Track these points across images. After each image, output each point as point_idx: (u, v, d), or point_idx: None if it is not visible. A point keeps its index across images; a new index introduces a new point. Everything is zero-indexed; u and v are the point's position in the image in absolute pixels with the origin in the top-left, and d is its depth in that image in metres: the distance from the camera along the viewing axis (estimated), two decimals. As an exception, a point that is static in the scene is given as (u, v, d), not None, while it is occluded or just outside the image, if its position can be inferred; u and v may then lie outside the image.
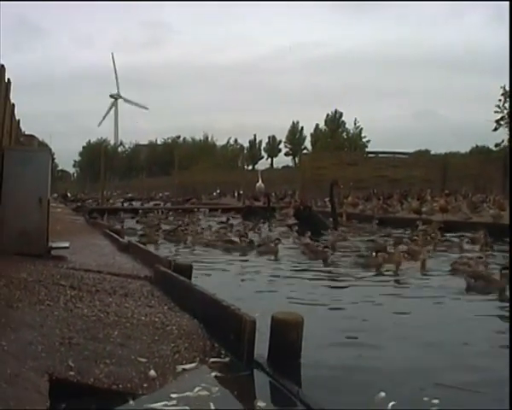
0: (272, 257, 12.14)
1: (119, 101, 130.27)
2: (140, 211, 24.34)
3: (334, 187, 19.40)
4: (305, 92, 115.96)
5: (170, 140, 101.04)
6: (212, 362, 4.55)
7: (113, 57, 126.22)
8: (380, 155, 39.59)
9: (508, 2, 19.59)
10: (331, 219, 17.83)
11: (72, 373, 3.85)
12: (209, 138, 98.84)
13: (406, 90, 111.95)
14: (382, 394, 4.17)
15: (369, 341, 5.85)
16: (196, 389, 3.97)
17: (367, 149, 70.59)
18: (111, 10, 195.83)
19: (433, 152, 55.62)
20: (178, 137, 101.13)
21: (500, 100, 48.35)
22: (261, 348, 4.59)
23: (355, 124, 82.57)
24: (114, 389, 3.82)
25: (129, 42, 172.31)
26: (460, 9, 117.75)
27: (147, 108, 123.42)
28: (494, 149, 52.18)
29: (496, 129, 48.87)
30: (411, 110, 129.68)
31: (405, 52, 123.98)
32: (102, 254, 10.12)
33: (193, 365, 4.46)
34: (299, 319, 4.59)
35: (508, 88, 48.11)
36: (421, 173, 35.83)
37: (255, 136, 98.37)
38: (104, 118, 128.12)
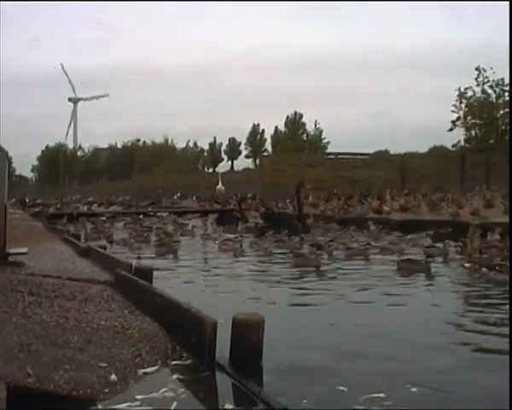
0: (235, 258, 12.20)
1: (78, 104, 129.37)
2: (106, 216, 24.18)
3: (300, 188, 19.28)
4: (266, 94, 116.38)
5: (130, 143, 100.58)
6: (174, 365, 4.54)
7: (62, 66, 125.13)
8: (340, 156, 39.88)
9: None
10: (297, 221, 17.80)
11: (30, 380, 3.79)
12: (169, 141, 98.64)
13: (365, 91, 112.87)
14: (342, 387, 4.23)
15: (329, 340, 5.87)
16: (158, 391, 3.96)
17: (327, 151, 71.06)
18: (64, 11, 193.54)
19: (392, 152, 56.27)
20: (138, 140, 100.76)
21: (456, 100, 49.14)
22: (223, 350, 4.59)
23: (315, 125, 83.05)
24: (75, 394, 3.76)
25: (81, 43, 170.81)
26: (418, 10, 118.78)
27: (107, 95, 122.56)
28: (451, 148, 52.96)
29: (451, 129, 49.65)
30: (370, 111, 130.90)
31: (364, 53, 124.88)
32: (62, 259, 10.01)
33: (154, 368, 4.43)
34: (259, 319, 4.59)
35: (462, 89, 49.02)
36: (381, 174, 36.13)
37: (215, 138, 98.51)
38: (70, 126, 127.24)
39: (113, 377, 4.08)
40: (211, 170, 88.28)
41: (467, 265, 10.08)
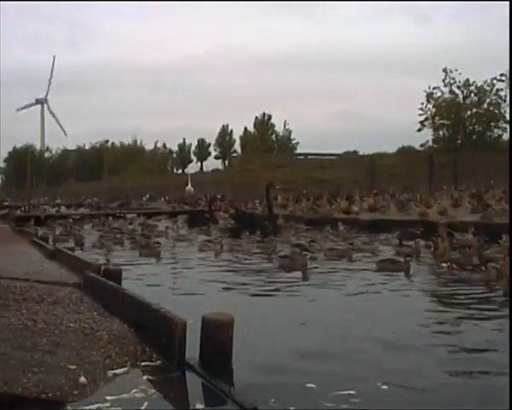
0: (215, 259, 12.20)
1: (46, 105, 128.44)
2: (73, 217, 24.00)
3: (270, 189, 19.28)
4: (235, 95, 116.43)
5: (98, 145, 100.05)
6: (144, 366, 4.52)
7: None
8: (309, 157, 40.00)
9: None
10: (267, 222, 17.78)
11: (-2, 384, 3.76)
12: (138, 142, 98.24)
13: (334, 92, 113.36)
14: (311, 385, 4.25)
15: (300, 339, 5.89)
16: (128, 392, 3.94)
17: (296, 151, 71.28)
18: (33, 10, 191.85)
19: (361, 153, 56.56)
20: (107, 141, 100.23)
21: (423, 102, 49.61)
22: (194, 350, 4.59)
23: (284, 126, 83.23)
24: (43, 397, 3.73)
25: (49, 42, 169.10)
26: (389, 10, 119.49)
27: (65, 134, 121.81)
28: (420, 149, 53.42)
29: (420, 130, 50.13)
30: (339, 112, 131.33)
31: (333, 53, 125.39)
32: (30, 261, 9.92)
33: (124, 369, 4.42)
34: (229, 319, 4.59)
35: (429, 90, 49.47)
36: (350, 174, 36.29)
37: (184, 139, 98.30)
38: (25, 107, 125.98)
39: (83, 379, 4.05)
40: (180, 171, 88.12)
41: (444, 265, 10.11)
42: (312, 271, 10.40)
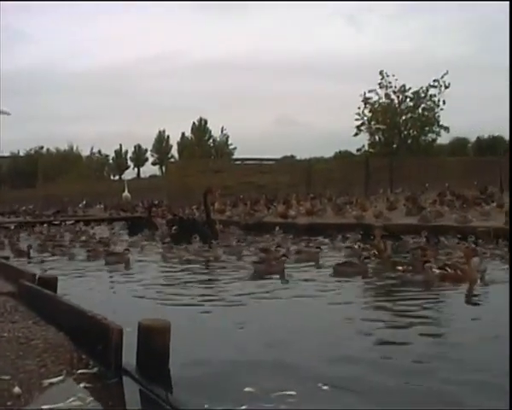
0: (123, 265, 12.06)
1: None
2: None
3: (208, 194, 19.29)
4: (172, 100, 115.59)
5: (33, 151, 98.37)
6: (80, 373, 4.48)
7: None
8: (246, 162, 40.02)
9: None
10: (206, 227, 17.73)
11: None
12: (74, 149, 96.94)
13: (271, 97, 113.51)
14: (248, 388, 4.28)
15: (239, 342, 5.91)
16: (65, 401, 3.90)
17: (233, 157, 71.37)
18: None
19: (298, 158, 56.85)
20: (41, 147, 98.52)
21: (359, 107, 50.25)
22: (132, 356, 4.56)
23: (222, 131, 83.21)
24: (-25, 409, 3.68)
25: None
26: (322, 16, 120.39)
27: (9, 114, 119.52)
28: (356, 153, 54.07)
29: (356, 134, 50.78)
30: (276, 117, 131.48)
31: (269, 59, 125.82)
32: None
33: (60, 378, 4.36)
34: (165, 324, 4.58)
35: (365, 95, 50.15)
36: (287, 179, 36.42)
37: (121, 145, 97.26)
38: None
39: (17, 389, 4.00)
40: (117, 177, 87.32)
41: (399, 268, 10.13)
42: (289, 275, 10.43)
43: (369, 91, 50.03)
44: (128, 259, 12.61)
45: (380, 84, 49.76)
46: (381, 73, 49.52)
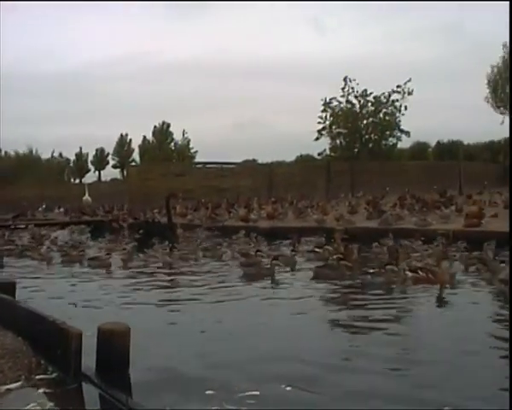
0: (104, 270, 11.91)
1: None
2: None
3: (170, 199, 19.26)
4: (133, 103, 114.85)
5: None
6: (39, 379, 4.43)
7: None
8: (208, 166, 39.97)
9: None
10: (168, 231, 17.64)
11: None
12: (33, 152, 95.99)
13: (233, 101, 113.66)
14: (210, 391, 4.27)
15: (200, 346, 5.90)
16: (24, 407, 3.85)
17: (195, 160, 71.26)
18: None
19: (259, 161, 56.95)
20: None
21: (322, 111, 50.57)
22: (91, 361, 4.53)
23: (183, 135, 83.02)
24: None
25: None
26: (287, 20, 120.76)
27: None
28: (317, 157, 54.37)
29: (317, 138, 51.08)
30: (238, 121, 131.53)
31: (230, 62, 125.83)
32: None
33: (18, 384, 4.32)
34: (125, 328, 4.55)
35: (326, 99, 50.49)
36: (248, 182, 36.45)
37: (81, 148, 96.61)
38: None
39: (-26, 395, 3.95)
40: (77, 181, 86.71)
41: (371, 271, 10.07)
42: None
43: (331, 99, 50.49)
44: (110, 263, 12.41)
45: (343, 88, 50.18)
46: (345, 79, 49.95)
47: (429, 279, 9.13)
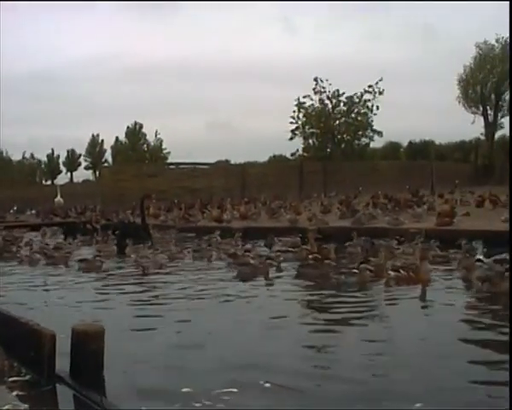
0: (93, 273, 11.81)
1: None
2: None
3: (145, 200, 19.22)
4: (105, 104, 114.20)
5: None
6: (12, 381, 4.41)
7: None
8: (180, 166, 39.90)
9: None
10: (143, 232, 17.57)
11: None
12: (4, 153, 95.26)
13: (205, 101, 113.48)
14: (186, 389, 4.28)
15: (175, 343, 5.89)
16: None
17: (168, 161, 71.13)
18: None
19: (232, 162, 56.99)
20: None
21: (294, 111, 50.79)
22: (65, 362, 4.51)
23: (156, 136, 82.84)
24: None
25: None
26: (258, 21, 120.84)
27: None
28: (290, 157, 54.55)
29: (291, 138, 51.31)
30: (210, 121, 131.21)
31: (202, 63, 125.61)
32: None
33: (-10, 387, 4.29)
34: (99, 329, 4.53)
35: (299, 100, 50.70)
36: (222, 183, 36.46)
37: (53, 150, 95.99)
38: None
39: None
40: (49, 182, 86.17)
41: (355, 271, 10.03)
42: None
43: (304, 97, 50.67)
44: (100, 266, 12.17)
45: (314, 89, 50.40)
46: (315, 79, 50.18)
47: (411, 279, 9.15)
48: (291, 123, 51.09)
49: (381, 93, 49.80)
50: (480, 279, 8.54)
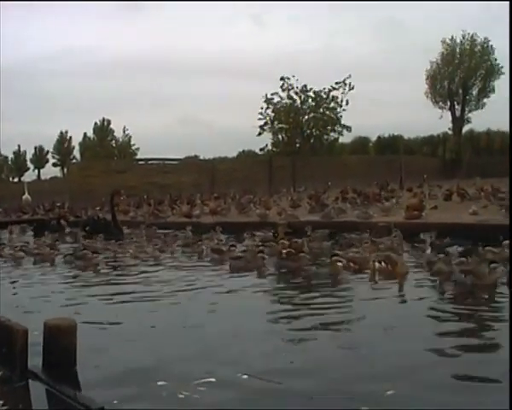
0: (48, 264, 11.72)
1: None
2: None
3: (114, 197, 19.16)
4: (73, 100, 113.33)
5: None
6: (-16, 379, 4.38)
7: None
8: (149, 162, 39.81)
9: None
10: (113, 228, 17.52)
11: None
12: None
13: (173, 97, 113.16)
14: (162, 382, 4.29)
15: (149, 340, 5.89)
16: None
17: (137, 157, 70.91)
18: None
19: (201, 157, 56.92)
20: None
21: (262, 107, 50.90)
22: (38, 358, 4.49)
23: (124, 131, 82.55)
24: None
25: None
26: (228, 16, 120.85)
27: None
28: (259, 152, 54.64)
29: (260, 134, 51.41)
30: (179, 116, 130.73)
31: (171, 58, 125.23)
32: None
33: (-40, 384, 4.26)
34: (71, 323, 4.52)
35: (267, 96, 50.78)
36: (191, 178, 36.42)
37: (19, 146, 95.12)
38: None
39: None
40: (16, 179, 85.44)
41: (339, 264, 10.04)
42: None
43: (272, 94, 50.83)
44: (97, 263, 11.89)
45: (281, 86, 50.56)
46: (282, 78, 50.39)
47: (390, 271, 9.20)
48: (259, 119, 51.18)
49: (351, 88, 50.08)
50: (463, 272, 8.52)
